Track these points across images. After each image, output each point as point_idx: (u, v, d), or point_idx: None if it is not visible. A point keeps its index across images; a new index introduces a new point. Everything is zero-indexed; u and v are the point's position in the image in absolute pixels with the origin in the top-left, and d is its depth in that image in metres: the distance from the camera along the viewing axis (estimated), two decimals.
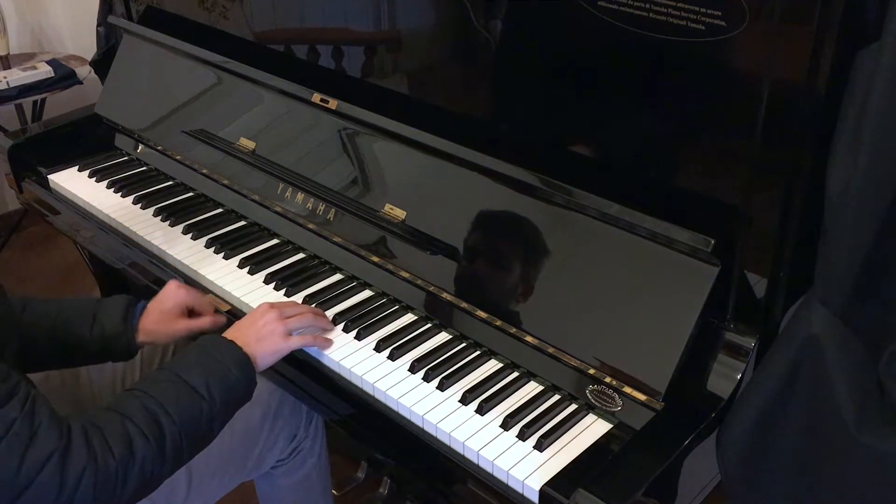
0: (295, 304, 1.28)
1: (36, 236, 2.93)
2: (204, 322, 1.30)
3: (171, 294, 1.29)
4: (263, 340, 1.16)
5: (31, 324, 1.23)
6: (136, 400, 1.03)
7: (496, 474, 1.05)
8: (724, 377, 1.09)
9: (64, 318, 1.24)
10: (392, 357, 1.22)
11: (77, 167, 1.80)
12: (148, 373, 1.42)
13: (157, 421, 1.02)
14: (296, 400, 1.37)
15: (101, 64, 2.08)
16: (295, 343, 1.20)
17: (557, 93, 1.22)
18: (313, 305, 1.33)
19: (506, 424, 1.10)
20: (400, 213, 1.35)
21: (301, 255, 1.48)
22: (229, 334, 1.17)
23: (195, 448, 1.08)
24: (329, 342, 1.24)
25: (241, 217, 1.60)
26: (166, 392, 1.05)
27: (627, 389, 1.09)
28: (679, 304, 1.07)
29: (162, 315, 1.28)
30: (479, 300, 1.24)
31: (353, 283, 1.39)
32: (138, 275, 1.55)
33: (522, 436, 1.08)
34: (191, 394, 1.06)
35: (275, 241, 1.52)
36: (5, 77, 2.41)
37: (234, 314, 1.37)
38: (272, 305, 1.21)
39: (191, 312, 1.31)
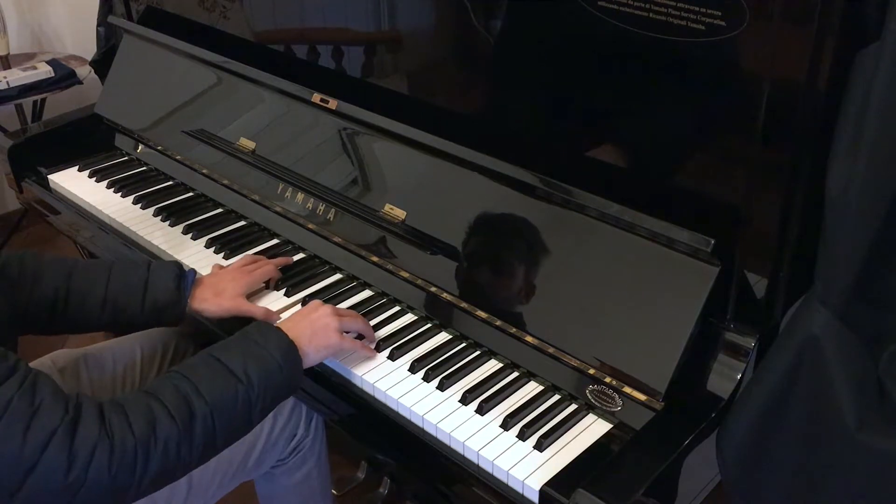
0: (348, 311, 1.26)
1: (36, 236, 2.92)
2: (257, 311, 1.30)
3: (229, 278, 1.31)
4: (317, 334, 1.14)
5: (81, 291, 1.23)
6: (168, 381, 1.02)
7: (496, 474, 1.05)
8: (724, 377, 1.09)
9: (115, 288, 1.24)
10: (392, 357, 1.22)
11: (77, 167, 1.80)
12: (148, 373, 1.43)
13: (188, 401, 0.99)
14: (296, 399, 1.37)
15: (101, 64, 2.08)
16: (347, 344, 1.18)
17: (557, 93, 1.22)
18: None
19: (506, 424, 1.10)
20: (400, 213, 1.36)
21: (301, 255, 1.48)
22: (281, 324, 1.15)
23: (231, 434, 1.05)
24: (373, 352, 1.22)
25: (241, 217, 1.60)
26: (201, 373, 1.03)
27: (627, 389, 1.09)
28: (679, 304, 1.07)
29: (217, 294, 1.29)
30: (479, 300, 1.24)
31: (353, 283, 1.39)
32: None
33: (522, 436, 1.08)
34: (227, 376, 1.03)
35: (275, 241, 1.52)
36: (5, 77, 2.41)
37: (234, 315, 1.36)
38: (325, 304, 1.20)
39: None
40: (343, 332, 1.18)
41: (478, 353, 1.23)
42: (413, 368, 1.20)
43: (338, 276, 1.42)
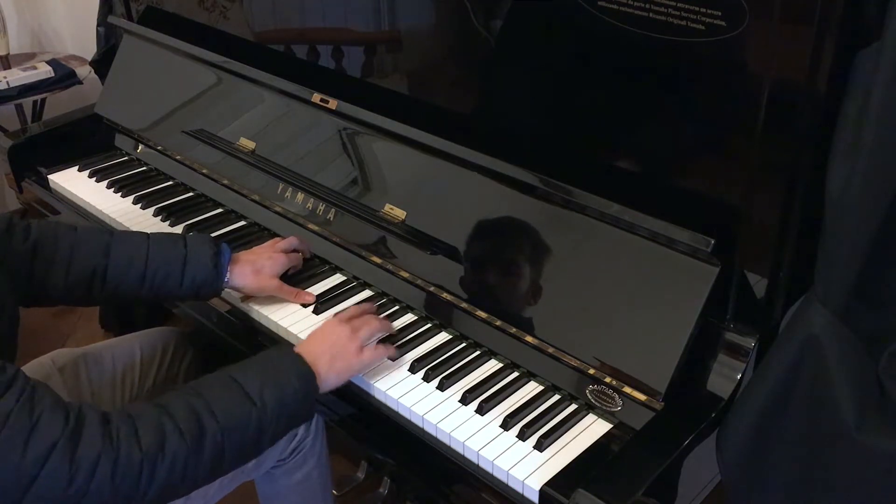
0: (359, 309, 1.24)
1: None
2: (291, 293, 1.33)
3: (266, 257, 1.33)
4: (337, 359, 1.12)
5: (120, 266, 1.24)
6: (182, 397, 1.01)
7: (496, 474, 1.05)
8: (724, 377, 1.09)
9: (153, 267, 1.25)
10: (392, 357, 1.22)
11: (77, 167, 1.80)
12: (147, 373, 1.43)
13: (199, 420, 0.98)
14: None
15: (101, 64, 2.09)
16: (367, 359, 1.15)
17: (557, 93, 1.22)
18: (312, 306, 1.33)
19: (506, 424, 1.10)
20: (400, 213, 1.36)
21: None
22: (301, 349, 1.12)
23: (239, 457, 1.04)
24: (392, 349, 1.21)
25: (241, 217, 1.60)
26: (216, 392, 1.02)
27: (627, 389, 1.09)
28: (679, 304, 1.07)
29: (257, 272, 1.31)
30: (478, 300, 1.24)
31: (354, 283, 1.39)
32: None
33: (522, 436, 1.08)
34: (242, 398, 1.02)
35: None
36: (5, 77, 2.41)
37: (234, 315, 1.37)
38: (342, 320, 1.17)
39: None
40: (363, 346, 1.16)
41: (478, 353, 1.23)
42: (413, 368, 1.20)
43: (338, 276, 1.42)
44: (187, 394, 1.02)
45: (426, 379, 1.18)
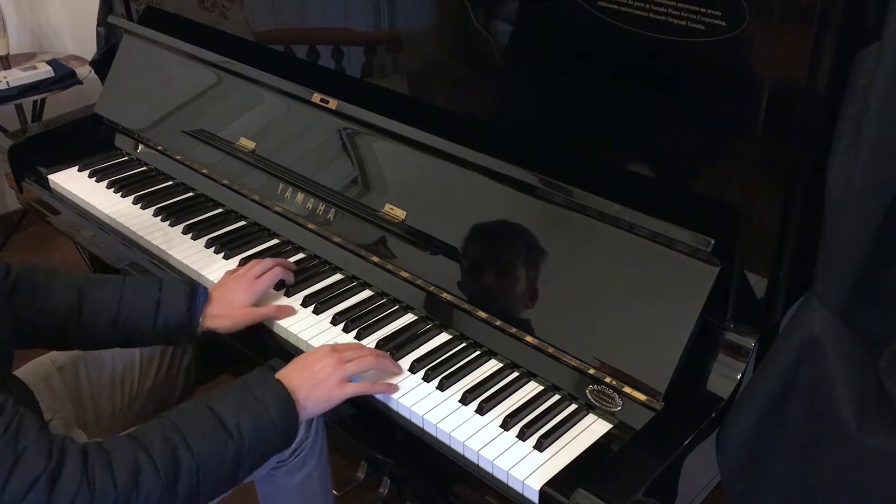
0: (357, 345, 1.21)
1: (36, 236, 2.93)
2: (269, 310, 1.30)
3: (239, 289, 1.29)
4: (318, 386, 1.10)
5: (93, 308, 1.23)
6: (158, 428, 1.00)
7: (496, 474, 1.05)
8: (724, 377, 1.09)
9: (126, 308, 1.23)
10: (392, 357, 1.22)
11: (77, 167, 1.80)
12: (147, 373, 1.43)
13: (175, 454, 0.97)
14: None
15: (101, 64, 2.08)
16: (350, 391, 1.12)
17: (557, 93, 1.22)
18: (312, 306, 1.33)
19: (506, 424, 1.10)
20: (400, 213, 1.35)
21: (301, 255, 1.48)
22: (282, 374, 1.11)
23: (214, 489, 1.03)
24: (392, 388, 1.16)
25: (241, 217, 1.60)
26: (193, 424, 1.01)
27: (627, 389, 1.09)
28: (679, 304, 1.07)
29: (227, 307, 1.28)
30: (479, 300, 1.24)
31: (354, 283, 1.39)
32: (139, 275, 1.55)
33: (522, 436, 1.08)
34: (219, 430, 1.01)
35: (275, 242, 1.52)
36: (5, 77, 2.41)
37: None
38: (333, 348, 1.16)
39: None
40: (349, 378, 1.14)
41: (478, 353, 1.23)
42: (413, 368, 1.20)
43: (338, 277, 1.42)
44: (164, 426, 1.00)
45: (426, 379, 1.18)
